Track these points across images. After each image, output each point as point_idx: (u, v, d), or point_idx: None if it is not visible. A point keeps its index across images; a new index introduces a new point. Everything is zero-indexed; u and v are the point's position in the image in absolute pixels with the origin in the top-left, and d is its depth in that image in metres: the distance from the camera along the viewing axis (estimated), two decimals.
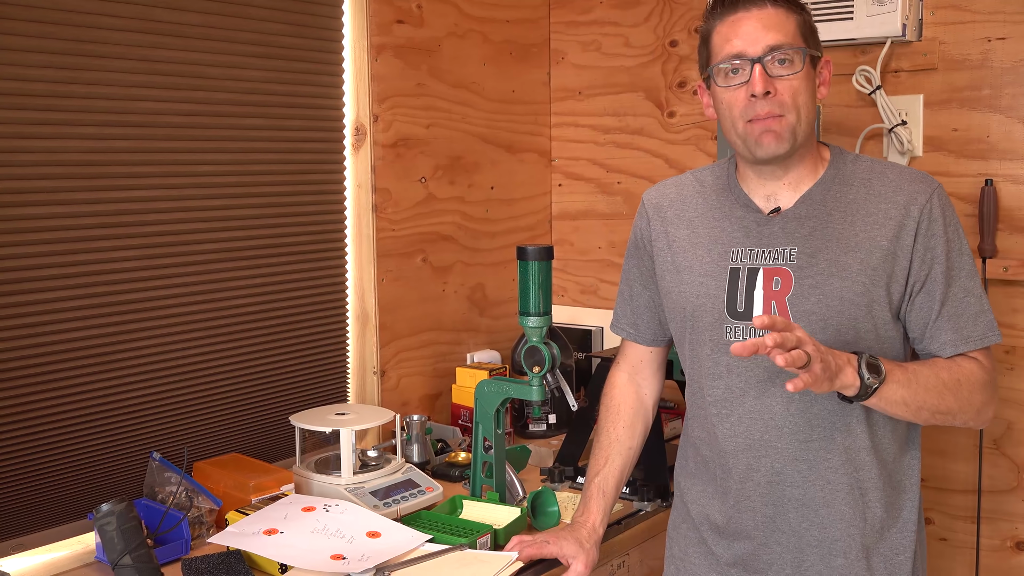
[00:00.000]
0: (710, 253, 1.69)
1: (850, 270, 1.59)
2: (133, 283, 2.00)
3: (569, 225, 2.99)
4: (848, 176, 1.65)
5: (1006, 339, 2.24)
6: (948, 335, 1.60)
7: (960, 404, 1.58)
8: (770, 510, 1.66)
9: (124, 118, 1.96)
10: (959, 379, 1.58)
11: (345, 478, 2.01)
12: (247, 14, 2.16)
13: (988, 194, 2.21)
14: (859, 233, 1.60)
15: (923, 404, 1.55)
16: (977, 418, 1.62)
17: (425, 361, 2.62)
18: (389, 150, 2.48)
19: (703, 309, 1.69)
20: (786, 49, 1.57)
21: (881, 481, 1.64)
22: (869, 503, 1.64)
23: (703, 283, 1.69)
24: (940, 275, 1.59)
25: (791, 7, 1.60)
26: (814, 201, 1.64)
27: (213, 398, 2.16)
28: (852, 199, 1.63)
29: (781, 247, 1.63)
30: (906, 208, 1.59)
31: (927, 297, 1.60)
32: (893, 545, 1.66)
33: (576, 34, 2.91)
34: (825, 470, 1.62)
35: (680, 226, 1.75)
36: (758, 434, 1.64)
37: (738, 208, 1.69)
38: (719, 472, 1.72)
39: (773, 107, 1.57)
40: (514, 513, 1.93)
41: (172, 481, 1.92)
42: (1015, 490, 2.26)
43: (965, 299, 1.60)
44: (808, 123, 1.61)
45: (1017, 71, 2.19)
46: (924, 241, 1.59)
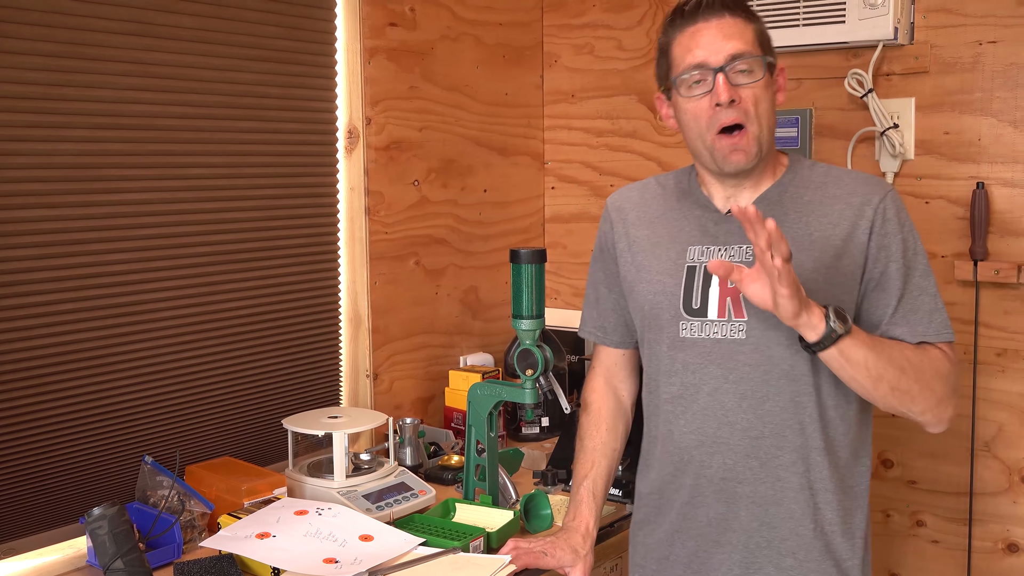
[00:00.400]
0: (668, 252, 1.72)
1: (804, 268, 1.60)
2: (125, 286, 2.00)
3: (562, 228, 2.99)
4: (805, 180, 1.68)
5: (998, 341, 2.25)
6: (902, 331, 1.62)
7: (921, 387, 1.58)
8: (722, 507, 1.67)
9: (117, 121, 1.96)
10: (923, 361, 1.59)
11: (338, 481, 2.01)
12: (240, 17, 2.16)
13: (979, 197, 2.22)
14: (814, 232, 1.63)
15: (883, 374, 1.54)
16: (936, 410, 1.60)
17: (418, 364, 2.62)
18: (382, 153, 2.48)
19: (660, 307, 1.71)
20: (747, 58, 1.59)
21: (833, 483, 1.64)
22: (819, 504, 1.64)
23: (661, 281, 1.71)
24: (896, 273, 1.61)
25: (748, 16, 1.63)
26: (771, 201, 1.67)
27: (205, 401, 2.16)
28: (808, 200, 1.66)
29: (737, 245, 1.66)
30: (860, 208, 1.62)
31: (882, 294, 1.62)
32: (843, 549, 1.67)
33: (569, 37, 2.91)
34: (776, 467, 1.63)
35: (641, 227, 1.78)
36: (711, 430, 1.66)
37: (696, 208, 1.72)
38: (673, 468, 1.73)
39: (738, 115, 1.59)
40: (507, 516, 1.93)
41: (164, 485, 1.92)
42: (1006, 492, 2.27)
43: (920, 297, 1.62)
44: (770, 131, 1.64)
45: (1008, 74, 2.20)
46: (878, 240, 1.61)
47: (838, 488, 1.65)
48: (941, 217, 2.30)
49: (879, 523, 2.45)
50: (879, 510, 2.44)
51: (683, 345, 1.68)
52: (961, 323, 2.29)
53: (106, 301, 1.97)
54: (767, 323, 1.60)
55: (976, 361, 2.28)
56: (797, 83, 2.48)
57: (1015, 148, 2.20)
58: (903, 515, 2.42)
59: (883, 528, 2.44)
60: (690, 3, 1.63)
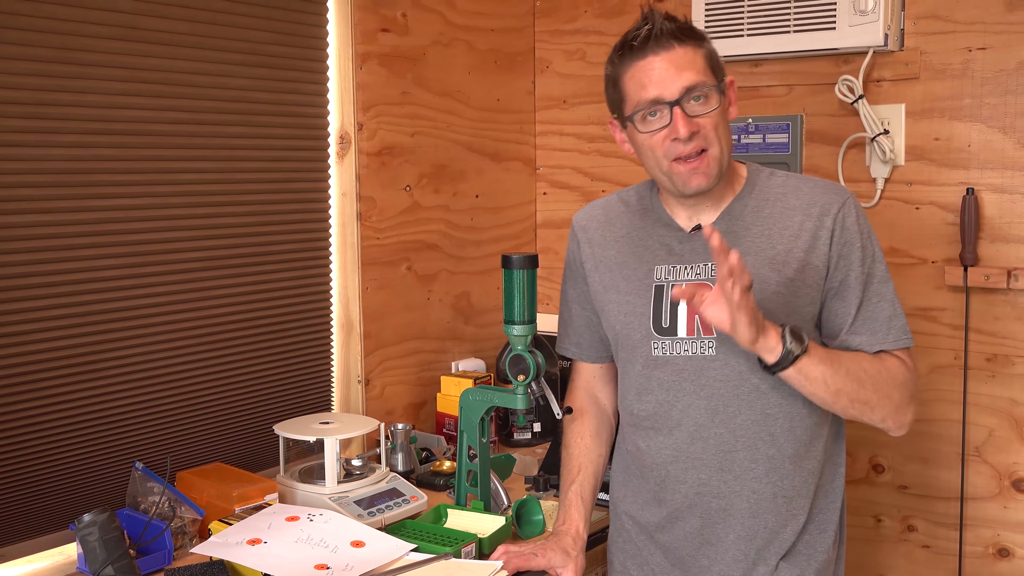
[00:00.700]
0: (635, 272, 1.74)
1: (769, 282, 1.62)
2: (116, 291, 1.99)
3: (554, 233, 2.99)
4: (764, 192, 1.69)
5: (988, 347, 2.26)
6: (863, 338, 1.64)
7: (879, 396, 1.60)
8: (698, 521, 1.69)
9: (109, 126, 1.96)
10: (880, 371, 1.61)
11: (329, 487, 2.01)
12: (232, 22, 2.15)
13: (969, 203, 2.23)
14: (776, 246, 1.64)
15: (842, 387, 1.57)
16: (895, 416, 1.63)
17: (410, 370, 2.62)
18: (374, 158, 2.48)
19: (631, 327, 1.73)
20: (701, 88, 1.59)
21: (805, 489, 1.67)
22: (794, 511, 1.67)
23: (629, 301, 1.73)
24: (855, 280, 1.63)
25: (696, 42, 1.62)
26: (732, 216, 1.68)
27: (196, 407, 2.15)
28: (769, 214, 1.67)
29: (702, 263, 1.67)
30: (820, 219, 1.64)
31: (842, 302, 1.64)
32: (817, 553, 1.69)
33: (561, 43, 2.91)
34: (750, 480, 1.65)
35: (607, 247, 1.80)
36: (685, 446, 1.68)
37: (660, 227, 1.74)
38: (650, 484, 1.75)
39: (698, 142, 1.60)
40: (499, 522, 1.93)
41: (155, 491, 1.91)
42: (997, 497, 2.28)
43: (879, 304, 1.64)
44: (729, 149, 1.66)
45: (998, 81, 2.21)
46: (838, 248, 1.63)
47: (811, 494, 1.68)
48: (931, 223, 2.31)
49: (870, 528, 2.45)
50: (870, 515, 2.45)
51: (656, 364, 1.70)
52: (951, 328, 2.30)
53: (97, 307, 1.97)
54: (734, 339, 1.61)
55: (966, 366, 2.28)
56: (788, 89, 2.49)
57: (1004, 154, 2.21)
58: (894, 520, 2.42)
59: (874, 533, 2.45)
60: (639, 36, 1.61)
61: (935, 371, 2.33)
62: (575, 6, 2.87)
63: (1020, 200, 2.20)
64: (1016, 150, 2.20)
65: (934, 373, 2.33)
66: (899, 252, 2.35)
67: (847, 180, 2.41)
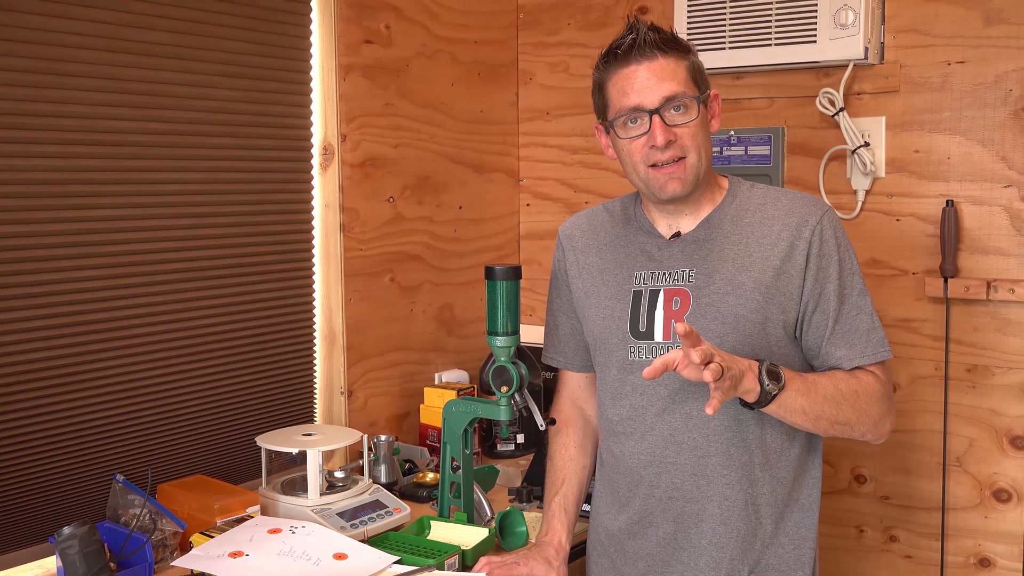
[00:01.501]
0: (615, 277, 1.76)
1: (744, 288, 1.64)
2: (98, 302, 1.98)
3: (537, 245, 2.99)
4: (744, 202, 1.72)
5: (968, 357, 2.27)
6: (842, 351, 1.65)
7: (858, 415, 1.63)
8: (671, 526, 1.71)
9: (90, 136, 1.95)
10: (857, 390, 1.63)
11: (312, 499, 2.00)
12: (215, 33, 2.15)
13: (949, 215, 2.24)
14: (753, 254, 1.66)
15: (821, 413, 1.60)
16: (875, 430, 1.67)
17: (393, 381, 2.61)
18: (357, 170, 2.48)
19: (608, 331, 1.75)
20: (681, 98, 1.62)
21: (774, 498, 1.68)
22: (762, 519, 1.68)
23: (608, 306, 1.75)
24: (833, 293, 1.65)
25: (680, 53, 1.65)
26: (712, 225, 1.71)
27: (178, 419, 2.14)
28: (748, 222, 1.69)
29: (680, 268, 1.70)
30: (798, 229, 1.65)
31: (821, 315, 1.66)
32: (788, 563, 1.70)
33: (544, 55, 2.92)
34: (723, 486, 1.66)
35: (590, 254, 1.82)
36: (659, 450, 1.70)
37: (641, 235, 1.76)
38: (624, 490, 1.77)
39: (675, 151, 1.63)
40: (482, 534, 1.93)
41: (136, 503, 1.90)
42: (978, 507, 2.29)
43: (858, 316, 1.66)
44: (707, 160, 1.68)
45: (976, 94, 2.23)
46: (816, 261, 1.65)
47: (780, 502, 1.69)
48: (911, 234, 2.33)
49: (853, 538, 2.46)
50: (853, 525, 2.46)
51: (632, 368, 1.72)
52: (932, 339, 2.32)
53: (78, 318, 1.96)
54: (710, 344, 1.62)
55: (947, 377, 2.30)
56: (769, 101, 2.50)
57: (983, 167, 2.23)
58: (876, 530, 2.43)
59: (857, 543, 2.46)
60: (623, 44, 1.64)
61: (916, 382, 2.34)
62: (558, 19, 2.88)
63: (999, 212, 2.22)
64: (994, 163, 2.22)
65: (915, 384, 2.34)
66: (880, 263, 2.37)
67: (828, 192, 2.42)
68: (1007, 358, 2.23)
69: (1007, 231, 2.21)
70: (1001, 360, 2.24)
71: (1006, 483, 2.25)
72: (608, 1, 2.78)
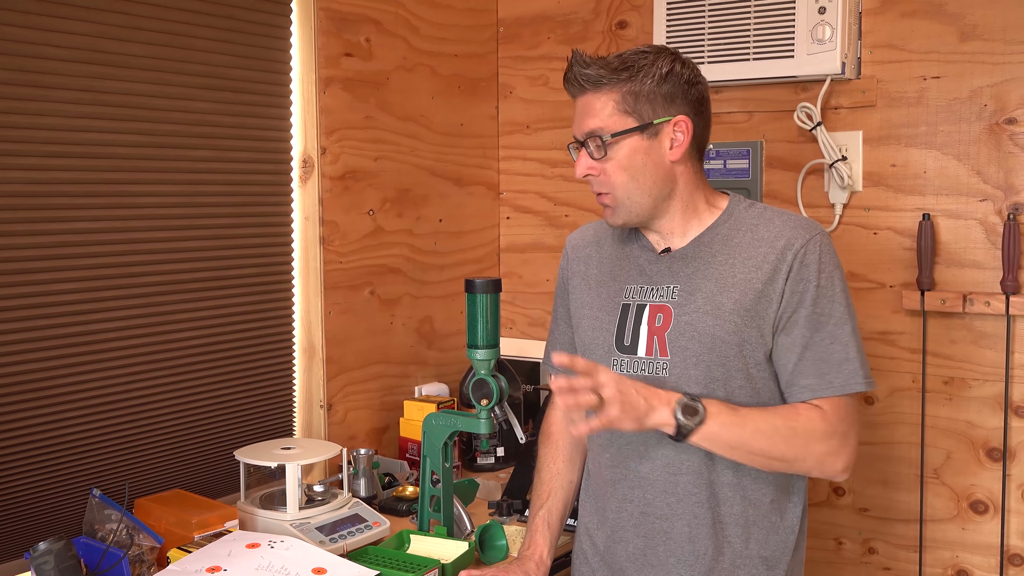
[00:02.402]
0: (608, 290, 1.76)
1: (724, 309, 1.63)
2: (74, 315, 1.97)
3: (517, 258, 3.00)
4: (738, 221, 1.70)
5: (945, 370, 2.29)
6: (810, 380, 1.60)
7: (796, 452, 1.59)
8: (641, 542, 1.70)
9: (68, 149, 1.94)
10: (794, 428, 1.59)
11: (291, 514, 1.99)
12: (194, 46, 2.15)
13: (925, 228, 2.26)
14: (737, 274, 1.64)
15: (752, 449, 1.58)
16: (821, 468, 1.61)
17: (372, 394, 2.61)
18: (337, 182, 2.48)
19: (596, 343, 1.75)
20: (597, 135, 1.64)
21: (745, 518, 1.66)
22: (729, 538, 1.66)
23: (598, 317, 1.76)
24: (803, 319, 1.60)
25: (612, 84, 1.63)
26: (702, 243, 1.70)
27: (155, 433, 2.13)
28: (737, 242, 1.67)
29: (666, 284, 1.69)
30: (782, 252, 1.62)
31: (789, 338, 1.62)
32: None
33: (524, 69, 2.94)
34: (692, 504, 1.66)
35: (591, 265, 1.83)
36: (634, 465, 1.69)
37: (637, 248, 1.76)
38: (601, 503, 1.77)
39: (599, 186, 1.67)
40: (462, 547, 1.92)
41: (112, 518, 1.88)
42: (955, 519, 2.30)
43: (831, 346, 1.60)
44: (645, 194, 1.66)
45: (951, 109, 2.25)
46: (792, 285, 1.61)
47: (752, 524, 1.67)
48: (889, 247, 2.35)
49: (831, 551, 2.47)
50: (831, 537, 2.47)
51: None
52: (909, 352, 2.33)
53: (54, 331, 1.94)
54: (687, 362, 1.64)
55: (924, 389, 2.31)
56: (748, 116, 2.52)
57: (959, 181, 2.25)
58: (855, 542, 2.44)
59: (835, 556, 2.46)
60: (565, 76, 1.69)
61: (894, 394, 2.36)
62: (538, 33, 2.89)
63: (975, 226, 2.24)
64: (970, 177, 2.24)
65: (893, 396, 2.36)
66: (857, 276, 2.39)
67: (806, 206, 2.44)
68: (983, 370, 2.25)
69: (983, 244, 2.24)
70: (977, 372, 2.26)
71: (983, 495, 2.27)
72: (588, 15, 2.80)
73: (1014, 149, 2.19)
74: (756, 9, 2.39)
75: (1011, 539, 2.24)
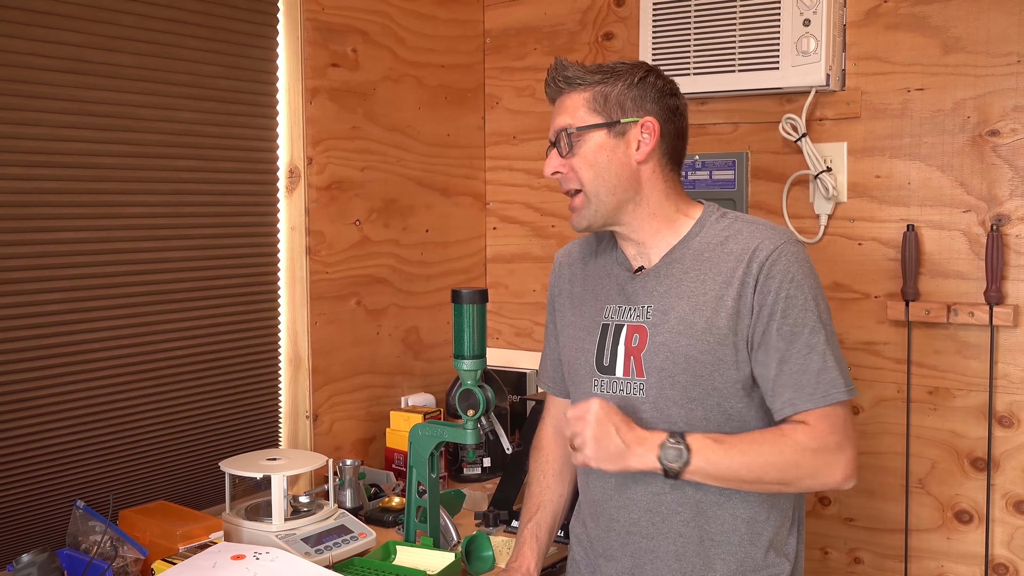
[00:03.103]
0: (590, 309, 1.76)
1: (696, 329, 1.61)
2: (58, 326, 1.96)
3: (504, 268, 3.00)
4: (709, 235, 1.67)
5: (929, 380, 2.30)
6: (789, 393, 1.57)
7: (789, 474, 1.57)
8: (628, 561, 1.70)
9: (53, 158, 1.93)
10: (782, 450, 1.56)
11: (276, 525, 1.98)
12: (180, 56, 2.15)
13: (909, 239, 2.28)
14: (708, 292, 1.62)
15: (745, 478, 1.57)
16: (821, 482, 1.59)
17: (359, 405, 2.60)
18: (323, 192, 2.48)
19: (578, 363, 1.75)
20: (567, 130, 1.67)
21: (735, 536, 1.64)
22: (717, 557, 1.64)
23: (580, 337, 1.76)
24: (775, 332, 1.57)
25: (584, 85, 1.67)
26: (673, 259, 1.68)
27: (140, 444, 2.12)
28: (708, 257, 1.65)
29: (641, 304, 1.68)
30: (749, 264, 1.60)
31: (765, 354, 1.59)
32: None
33: (510, 79, 2.94)
34: (678, 523, 1.65)
35: (576, 283, 1.83)
36: (620, 484, 1.69)
37: (616, 266, 1.76)
38: (589, 521, 1.77)
39: (566, 183, 1.69)
40: (448, 558, 1.92)
41: (96, 530, 1.87)
42: (940, 528, 2.31)
43: (808, 356, 1.57)
44: (610, 192, 1.66)
45: (935, 121, 2.27)
46: (760, 297, 1.58)
47: (743, 541, 1.64)
48: (873, 258, 2.36)
49: (817, 561, 2.47)
50: (817, 547, 2.47)
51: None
52: (894, 362, 2.34)
53: (38, 341, 1.93)
54: (663, 383, 1.63)
55: (909, 399, 2.32)
56: (733, 127, 2.53)
57: (942, 192, 2.27)
58: (841, 552, 2.45)
59: (821, 566, 2.47)
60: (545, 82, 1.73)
61: (879, 404, 2.37)
62: (524, 43, 2.90)
63: (958, 236, 2.26)
64: (953, 188, 2.26)
65: (878, 406, 2.37)
66: (842, 287, 2.40)
67: (791, 216, 2.45)
68: (967, 380, 2.26)
69: (966, 255, 2.25)
70: (961, 382, 2.27)
71: (967, 504, 2.28)
72: (574, 27, 2.81)
73: (997, 161, 2.21)
74: (741, 21, 2.41)
75: (996, 549, 2.25)
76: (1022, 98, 2.17)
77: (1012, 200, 2.20)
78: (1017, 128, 2.18)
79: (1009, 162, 2.19)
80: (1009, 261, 2.20)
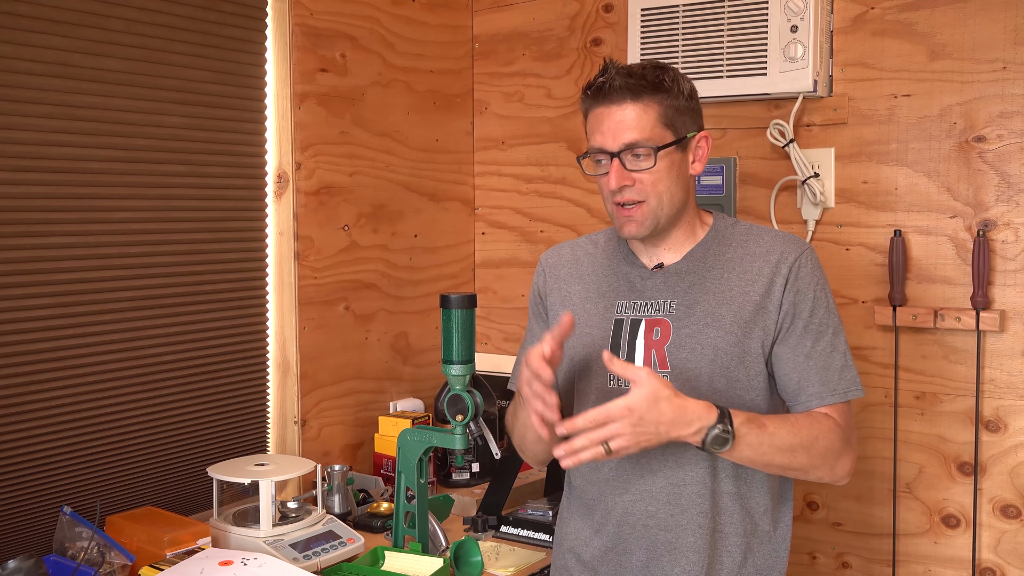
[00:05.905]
0: (597, 306, 1.77)
1: (724, 321, 1.67)
2: (46, 331, 1.95)
3: (492, 273, 3.00)
4: (727, 238, 1.75)
5: (917, 385, 2.31)
6: (815, 388, 1.67)
7: (812, 461, 1.64)
8: (644, 554, 1.70)
9: (40, 163, 1.93)
10: (816, 436, 1.63)
11: (264, 530, 1.97)
12: (169, 60, 2.14)
13: (897, 244, 2.29)
14: (734, 288, 1.69)
15: (771, 462, 1.62)
16: (832, 473, 1.67)
17: (347, 410, 2.60)
18: (312, 198, 2.48)
19: (590, 358, 1.75)
20: (640, 147, 1.65)
21: (744, 527, 1.69)
22: (730, 548, 1.69)
23: (590, 334, 1.76)
24: (804, 330, 1.67)
25: (653, 97, 1.65)
26: (695, 258, 1.73)
27: (127, 449, 2.11)
28: (730, 257, 1.72)
29: (662, 299, 1.71)
30: (776, 266, 1.68)
31: (787, 349, 1.68)
32: None
33: (499, 85, 2.95)
34: (697, 515, 1.67)
35: (573, 282, 1.83)
36: (635, 478, 1.70)
37: (625, 265, 1.78)
38: (597, 517, 1.76)
39: (633, 194, 1.67)
40: (437, 564, 1.92)
41: (83, 536, 1.87)
42: (927, 533, 2.32)
43: (832, 355, 1.68)
44: (672, 204, 1.69)
45: (922, 127, 2.28)
46: (790, 296, 1.67)
47: (749, 532, 1.70)
48: (861, 263, 2.37)
49: (805, 565, 2.48)
50: (805, 552, 2.48)
51: (610, 395, 1.69)
52: (881, 367, 2.35)
53: (25, 347, 1.92)
54: (687, 374, 1.65)
55: (896, 404, 2.33)
56: (722, 132, 2.54)
57: (930, 197, 2.28)
58: (828, 557, 2.45)
59: (809, 570, 2.47)
60: (594, 85, 1.67)
61: (867, 409, 2.37)
62: (513, 49, 2.91)
63: (945, 242, 2.27)
64: (940, 193, 2.27)
65: (866, 411, 2.37)
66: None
67: (779, 222, 2.46)
68: (954, 385, 2.27)
69: (953, 261, 2.26)
70: (948, 387, 2.28)
71: (955, 509, 2.29)
72: (562, 33, 2.81)
73: (983, 166, 2.22)
74: (729, 27, 2.42)
75: (983, 553, 2.26)
76: (1008, 104, 2.19)
77: (998, 206, 2.21)
78: (1003, 134, 2.20)
79: (995, 168, 2.21)
80: (995, 266, 2.21)
